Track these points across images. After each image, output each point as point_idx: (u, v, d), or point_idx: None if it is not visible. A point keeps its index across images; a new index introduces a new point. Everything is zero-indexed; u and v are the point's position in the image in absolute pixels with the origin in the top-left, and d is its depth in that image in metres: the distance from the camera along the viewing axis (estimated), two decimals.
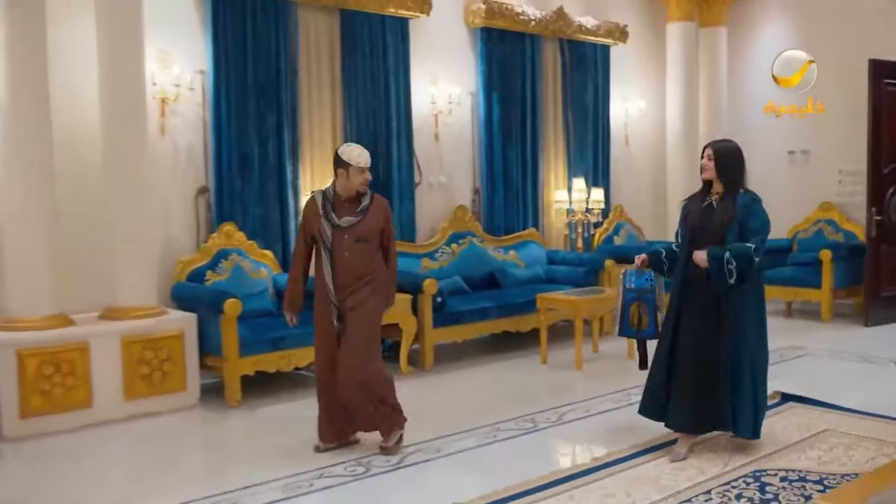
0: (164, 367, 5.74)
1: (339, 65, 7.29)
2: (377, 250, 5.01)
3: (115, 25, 5.72)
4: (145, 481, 4.49)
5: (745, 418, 4.62)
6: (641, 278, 5.14)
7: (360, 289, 4.87)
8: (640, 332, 5.13)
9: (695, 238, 4.76)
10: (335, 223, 4.83)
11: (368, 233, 4.91)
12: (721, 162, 4.71)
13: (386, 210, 5.04)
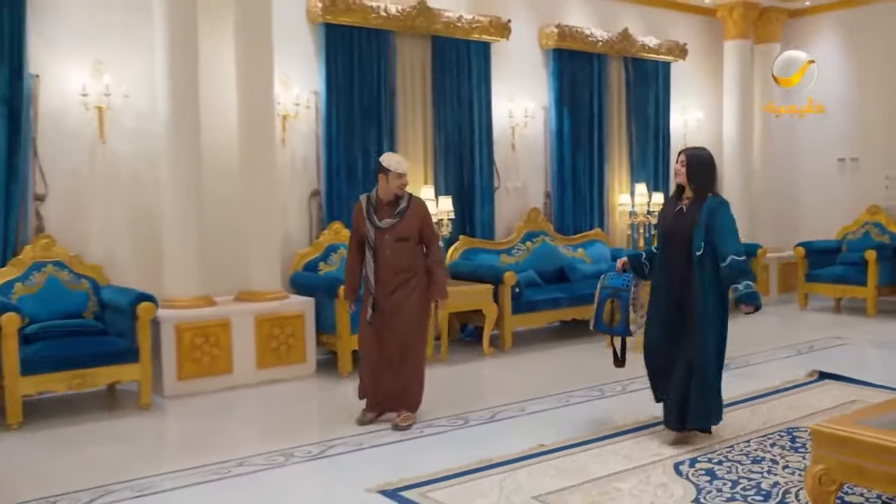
0: (289, 341, 6.84)
1: (430, 85, 8.33)
2: (417, 248, 5.52)
3: (251, 55, 6.83)
4: (273, 431, 5.50)
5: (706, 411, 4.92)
6: (620, 279, 5.40)
7: (402, 284, 5.42)
8: (613, 328, 5.37)
9: (667, 240, 5.05)
10: (377, 225, 5.42)
11: (407, 232, 5.43)
12: (692, 169, 4.93)
13: (423, 211, 5.55)
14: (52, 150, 6.44)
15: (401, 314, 5.44)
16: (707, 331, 4.85)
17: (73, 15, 6.47)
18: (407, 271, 5.46)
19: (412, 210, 5.48)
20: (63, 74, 6.46)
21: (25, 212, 6.32)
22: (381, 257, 5.42)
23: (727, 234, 4.83)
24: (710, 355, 4.87)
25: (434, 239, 5.64)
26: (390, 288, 5.43)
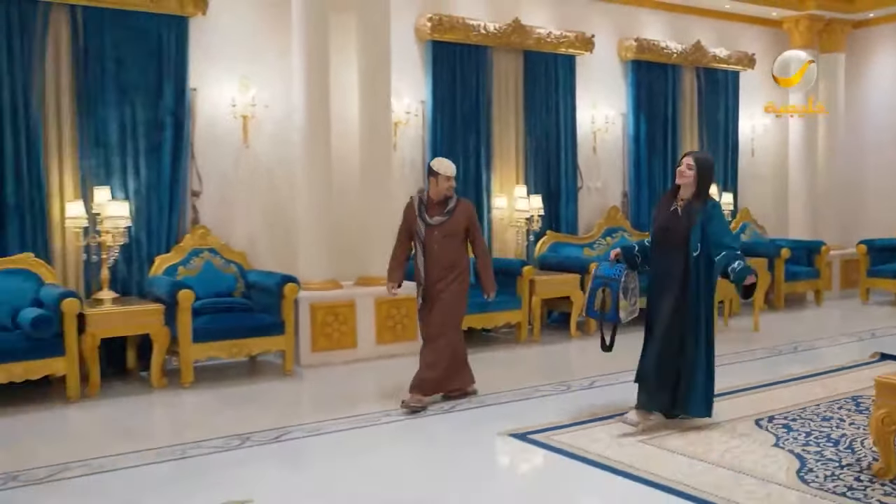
0: (403, 321, 7.79)
1: (522, 95, 9.23)
2: (462, 245, 6.00)
3: (371, 71, 7.79)
4: (391, 397, 6.40)
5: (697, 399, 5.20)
6: (613, 269, 5.59)
7: (447, 276, 5.91)
8: (604, 315, 5.57)
9: (660, 238, 5.28)
10: (427, 222, 5.91)
11: (454, 230, 5.92)
12: (701, 172, 5.14)
13: (469, 211, 6.03)
14: (206, 154, 7.50)
15: (439, 303, 5.96)
16: (699, 324, 5.16)
17: (225, 38, 7.52)
18: (451, 265, 5.96)
19: (460, 210, 5.98)
20: (216, 88, 7.52)
21: (185, 206, 7.38)
22: (429, 252, 5.94)
23: (725, 232, 5.16)
24: (700, 347, 5.16)
25: (479, 237, 6.13)
26: (435, 279, 5.95)
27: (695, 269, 5.13)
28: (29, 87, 6.60)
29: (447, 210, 5.94)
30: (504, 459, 5.09)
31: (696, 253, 5.08)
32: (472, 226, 6.05)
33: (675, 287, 5.17)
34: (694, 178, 5.14)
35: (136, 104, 7.04)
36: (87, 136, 6.86)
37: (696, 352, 5.19)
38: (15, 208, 6.60)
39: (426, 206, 6.00)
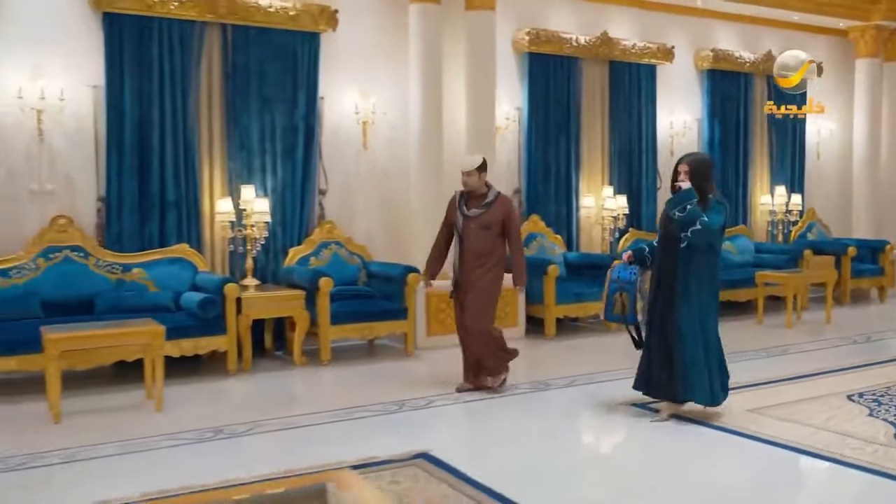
0: (506, 309, 8.52)
1: (608, 102, 9.95)
2: (498, 238, 6.24)
3: (477, 82, 8.55)
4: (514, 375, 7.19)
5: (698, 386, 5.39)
6: (626, 272, 5.79)
7: (481, 265, 6.19)
8: (623, 318, 5.82)
9: (664, 240, 5.48)
10: (465, 213, 6.24)
11: (490, 222, 6.19)
12: (694, 175, 5.32)
13: (508, 206, 6.29)
14: (331, 156, 8.31)
15: (473, 292, 6.25)
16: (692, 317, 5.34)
17: (350, 52, 8.32)
18: (485, 256, 6.22)
19: (498, 204, 6.26)
20: (340, 97, 8.34)
21: (313, 203, 8.21)
22: (465, 242, 6.26)
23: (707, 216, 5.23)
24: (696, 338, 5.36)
25: (515, 232, 6.31)
26: (469, 269, 6.24)
27: (686, 261, 5.32)
28: (186, 98, 7.46)
29: (485, 203, 6.25)
30: (630, 426, 5.82)
31: (683, 245, 5.28)
32: (507, 220, 6.27)
33: (670, 281, 5.40)
34: (690, 182, 5.31)
35: (274, 112, 7.87)
36: (233, 140, 7.71)
37: (693, 342, 5.35)
38: (174, 204, 7.46)
39: (466, 200, 6.34)
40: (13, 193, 6.99)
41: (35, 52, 6.96)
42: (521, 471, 4.66)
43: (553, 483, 4.50)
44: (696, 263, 5.34)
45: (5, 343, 6.14)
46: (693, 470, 4.75)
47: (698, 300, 5.37)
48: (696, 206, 5.23)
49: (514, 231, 6.33)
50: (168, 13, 7.27)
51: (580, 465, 4.95)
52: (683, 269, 5.35)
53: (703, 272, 5.38)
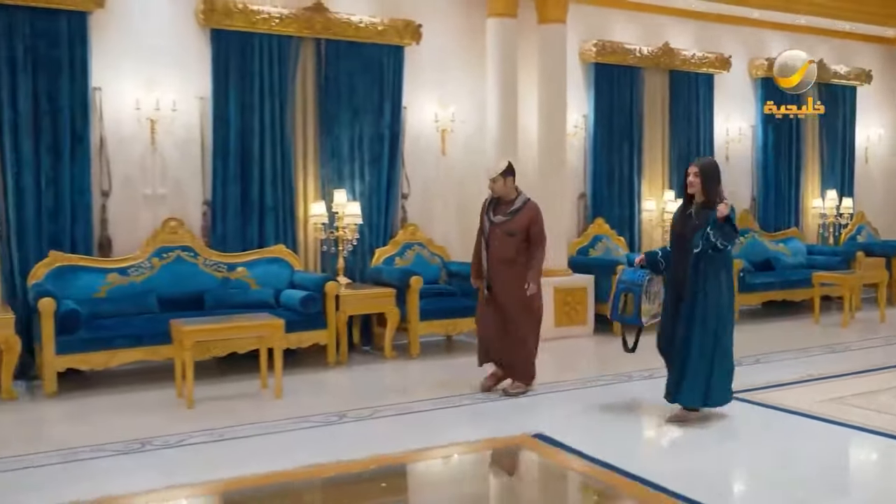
0: (576, 308, 9.01)
1: (668, 109, 10.39)
2: (522, 244, 6.29)
3: (550, 92, 9.02)
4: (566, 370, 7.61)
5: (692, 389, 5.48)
6: (635, 274, 5.86)
7: (506, 270, 6.28)
8: (625, 318, 5.89)
9: (676, 242, 5.58)
10: (491, 219, 6.38)
11: (515, 229, 6.28)
12: (705, 179, 5.45)
13: (533, 214, 6.32)
14: (413, 161, 8.80)
15: (505, 295, 6.36)
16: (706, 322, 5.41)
17: (431, 64, 8.82)
18: (510, 261, 6.32)
19: (524, 211, 6.35)
20: (421, 106, 8.84)
21: (397, 207, 8.71)
22: (491, 247, 6.38)
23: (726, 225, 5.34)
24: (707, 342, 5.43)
25: (538, 239, 6.38)
26: (497, 273, 6.36)
27: (696, 267, 5.40)
28: (284, 108, 7.98)
29: (511, 210, 6.36)
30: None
31: (696, 249, 5.35)
32: (532, 227, 6.34)
33: (683, 286, 5.48)
34: (701, 185, 5.47)
35: (362, 122, 8.37)
36: (325, 148, 8.22)
37: (700, 347, 5.43)
38: (272, 208, 7.98)
39: (494, 206, 6.46)
40: (129, 197, 7.52)
41: (150, 67, 7.49)
42: (626, 445, 5.13)
43: (652, 456, 4.96)
44: (709, 269, 5.41)
45: (132, 336, 6.69)
46: (805, 458, 5.14)
47: (714, 306, 5.43)
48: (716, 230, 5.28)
49: (536, 237, 6.39)
50: (269, 29, 7.80)
51: (679, 442, 5.40)
52: (700, 276, 5.40)
53: (718, 276, 5.45)
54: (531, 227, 6.35)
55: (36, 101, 6.99)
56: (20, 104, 6.92)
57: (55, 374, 6.42)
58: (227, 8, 7.60)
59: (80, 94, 7.13)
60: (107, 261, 7.30)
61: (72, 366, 6.54)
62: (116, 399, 6.47)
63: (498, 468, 5.09)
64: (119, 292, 7.16)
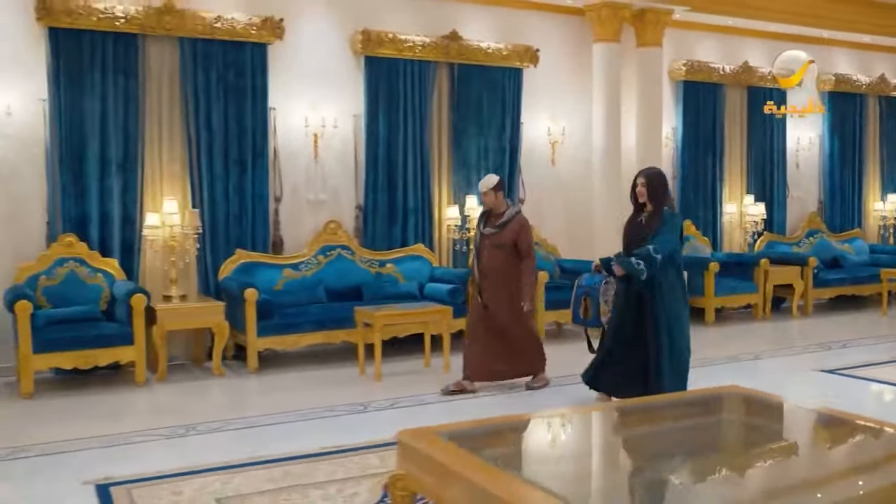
0: None
1: (746, 122, 11.47)
2: (510, 256, 6.53)
3: (647, 107, 10.14)
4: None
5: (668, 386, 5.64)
6: (593, 279, 6.18)
7: (495, 280, 6.55)
8: (586, 321, 6.18)
9: (627, 248, 5.88)
10: (482, 231, 6.71)
11: (503, 242, 6.55)
12: (652, 188, 5.77)
13: (520, 228, 6.57)
14: (528, 170, 9.92)
15: (494, 303, 6.65)
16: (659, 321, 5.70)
17: (545, 83, 9.93)
18: (499, 272, 6.59)
19: (512, 225, 6.59)
20: (536, 122, 9.96)
21: None
22: (481, 258, 6.70)
23: (661, 234, 5.68)
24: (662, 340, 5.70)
25: (526, 253, 6.59)
26: (487, 282, 6.66)
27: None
28: (423, 125, 9.11)
29: (499, 223, 6.63)
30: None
31: (644, 276, 5.64)
32: (519, 241, 6.58)
33: (634, 290, 5.77)
34: (647, 193, 5.77)
35: (487, 136, 9.50)
36: (457, 159, 9.37)
37: (658, 345, 5.70)
38: (413, 211, 9.12)
39: (486, 218, 6.78)
40: (296, 203, 8.69)
41: (315, 89, 8.64)
42: None
43: None
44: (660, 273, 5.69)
45: (315, 321, 7.85)
46: None
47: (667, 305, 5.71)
48: (639, 256, 5.63)
49: (523, 251, 6.60)
50: (413, 56, 8.93)
51: None
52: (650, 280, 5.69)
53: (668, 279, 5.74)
54: (518, 240, 6.58)
55: (226, 123, 8.16)
56: (213, 125, 8.09)
57: (256, 354, 7.60)
58: (380, 38, 8.75)
59: (260, 114, 8.30)
60: (281, 258, 8.46)
61: (269, 346, 7.72)
62: (307, 375, 7.61)
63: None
64: (293, 285, 8.32)
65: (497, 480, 3.11)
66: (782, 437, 4.16)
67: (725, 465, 3.60)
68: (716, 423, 4.36)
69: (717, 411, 4.50)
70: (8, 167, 7.46)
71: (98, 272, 7.53)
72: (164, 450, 5.37)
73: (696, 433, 4.08)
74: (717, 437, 4.16)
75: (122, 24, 7.60)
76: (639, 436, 4.14)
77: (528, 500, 2.93)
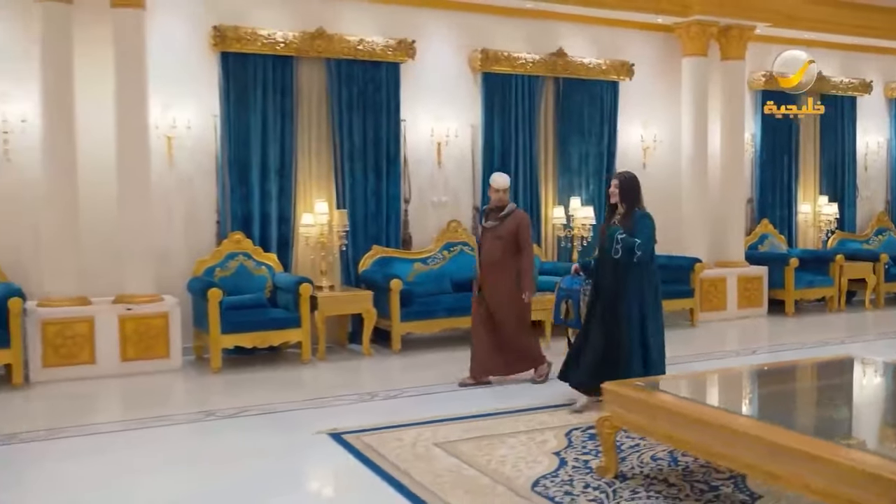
0: (754, 293, 10.97)
1: (819, 127, 12.33)
2: (510, 247, 6.81)
3: (729, 118, 11.05)
4: (749, 341, 9.62)
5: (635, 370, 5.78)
6: (574, 281, 6.39)
7: (495, 272, 6.84)
8: (567, 322, 6.42)
9: (601, 248, 6.09)
10: (483, 225, 7.01)
11: (503, 234, 6.83)
12: (623, 190, 5.98)
13: (520, 220, 6.88)
14: None
15: (495, 295, 6.92)
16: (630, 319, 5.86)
17: (638, 95, 10.89)
18: (498, 263, 6.86)
19: (512, 218, 6.89)
20: (630, 130, 10.93)
21: None
22: (482, 250, 7.00)
23: (641, 234, 5.88)
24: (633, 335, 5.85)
25: (525, 245, 6.87)
26: (486, 274, 6.95)
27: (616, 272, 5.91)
28: (532, 134, 10.12)
29: (500, 216, 6.94)
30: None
31: (616, 256, 5.85)
32: (520, 233, 6.87)
33: (608, 288, 5.98)
34: (619, 195, 5.98)
35: (588, 143, 10.49)
36: (562, 164, 10.37)
37: (630, 343, 5.87)
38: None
39: (487, 213, 7.11)
40: (422, 204, 9.73)
41: (438, 103, 9.70)
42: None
43: None
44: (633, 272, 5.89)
45: (446, 309, 8.87)
46: None
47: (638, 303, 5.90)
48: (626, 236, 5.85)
49: (523, 241, 6.89)
50: (525, 72, 9.93)
51: None
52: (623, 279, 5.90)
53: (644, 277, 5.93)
54: (519, 232, 6.88)
55: (364, 133, 9.22)
56: (354, 136, 9.16)
57: (399, 337, 8.64)
58: (496, 56, 9.77)
59: (393, 126, 9.37)
60: (411, 253, 9.52)
61: (409, 330, 8.77)
62: (441, 355, 8.55)
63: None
64: (423, 277, 9.37)
65: (687, 408, 4.26)
66: None
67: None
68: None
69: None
70: (186, 174, 8.60)
71: (262, 265, 8.64)
72: (359, 411, 6.41)
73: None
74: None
75: (282, 48, 8.71)
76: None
77: (715, 417, 4.05)
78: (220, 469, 5.15)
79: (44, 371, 7.41)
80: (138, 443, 5.74)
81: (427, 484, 4.67)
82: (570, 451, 5.23)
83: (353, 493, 4.85)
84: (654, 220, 6.03)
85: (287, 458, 5.33)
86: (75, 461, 5.34)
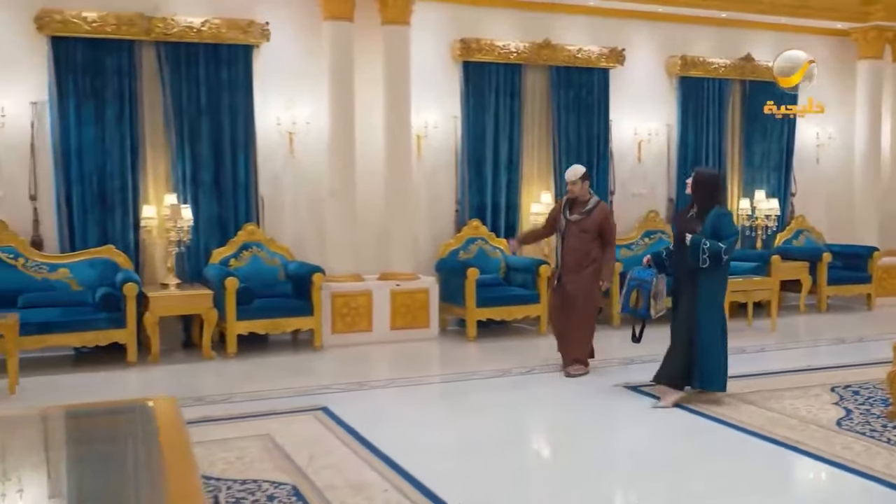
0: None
1: None
2: (594, 241, 6.97)
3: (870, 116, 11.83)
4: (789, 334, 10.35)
5: (713, 376, 6.01)
6: (645, 272, 6.37)
7: (577, 264, 6.97)
8: (636, 311, 6.41)
9: (677, 241, 6.13)
10: (568, 217, 7.07)
11: (589, 227, 6.95)
12: (697, 187, 6.00)
13: (604, 213, 7.02)
14: (801, 171, 11.74)
15: (573, 286, 7.06)
16: (710, 313, 5.99)
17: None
18: (582, 256, 7.01)
19: (597, 211, 7.04)
20: (804, 129, 11.78)
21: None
22: (565, 242, 7.12)
23: (722, 228, 5.92)
24: (708, 332, 5.99)
25: (610, 237, 7.07)
26: (569, 266, 7.05)
27: (690, 265, 5.99)
28: (721, 133, 11.08)
29: (585, 210, 7.06)
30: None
31: (704, 266, 5.88)
32: (604, 225, 7.04)
33: (687, 284, 6.07)
34: (693, 192, 6.05)
35: (769, 141, 11.41)
36: (746, 159, 11.33)
37: (710, 336, 6.01)
38: None
39: (571, 205, 7.18)
40: (624, 195, 10.76)
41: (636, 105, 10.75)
42: None
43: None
44: (709, 268, 5.95)
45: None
46: None
47: (715, 299, 6.06)
48: (713, 243, 5.85)
49: (608, 235, 7.08)
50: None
51: None
52: (700, 274, 5.98)
53: (716, 275, 6.02)
54: (603, 224, 7.05)
55: (579, 132, 10.30)
56: (570, 135, 10.23)
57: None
58: (694, 62, 10.79)
59: (603, 126, 10.43)
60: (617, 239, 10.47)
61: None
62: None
63: None
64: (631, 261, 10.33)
65: None
66: None
67: None
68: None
69: None
70: (431, 168, 9.82)
71: (496, 248, 9.81)
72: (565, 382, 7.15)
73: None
74: None
75: (514, 58, 9.86)
76: None
77: None
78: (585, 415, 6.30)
79: (332, 336, 8.72)
80: (451, 394, 7.00)
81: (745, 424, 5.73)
82: (845, 403, 6.23)
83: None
84: (732, 218, 6.20)
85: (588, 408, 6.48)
86: (419, 406, 6.61)
